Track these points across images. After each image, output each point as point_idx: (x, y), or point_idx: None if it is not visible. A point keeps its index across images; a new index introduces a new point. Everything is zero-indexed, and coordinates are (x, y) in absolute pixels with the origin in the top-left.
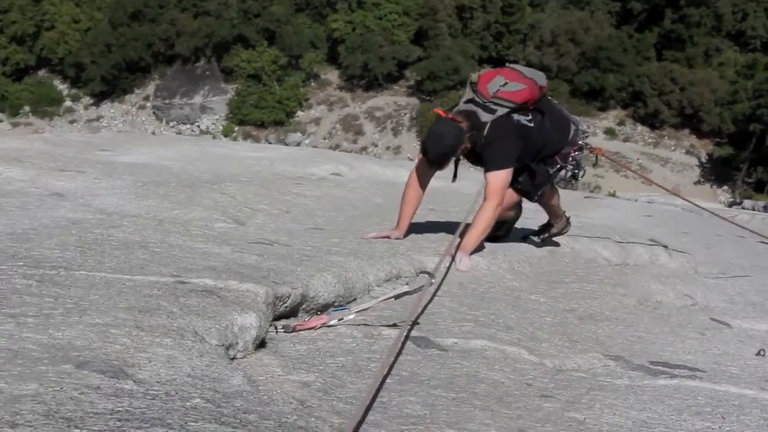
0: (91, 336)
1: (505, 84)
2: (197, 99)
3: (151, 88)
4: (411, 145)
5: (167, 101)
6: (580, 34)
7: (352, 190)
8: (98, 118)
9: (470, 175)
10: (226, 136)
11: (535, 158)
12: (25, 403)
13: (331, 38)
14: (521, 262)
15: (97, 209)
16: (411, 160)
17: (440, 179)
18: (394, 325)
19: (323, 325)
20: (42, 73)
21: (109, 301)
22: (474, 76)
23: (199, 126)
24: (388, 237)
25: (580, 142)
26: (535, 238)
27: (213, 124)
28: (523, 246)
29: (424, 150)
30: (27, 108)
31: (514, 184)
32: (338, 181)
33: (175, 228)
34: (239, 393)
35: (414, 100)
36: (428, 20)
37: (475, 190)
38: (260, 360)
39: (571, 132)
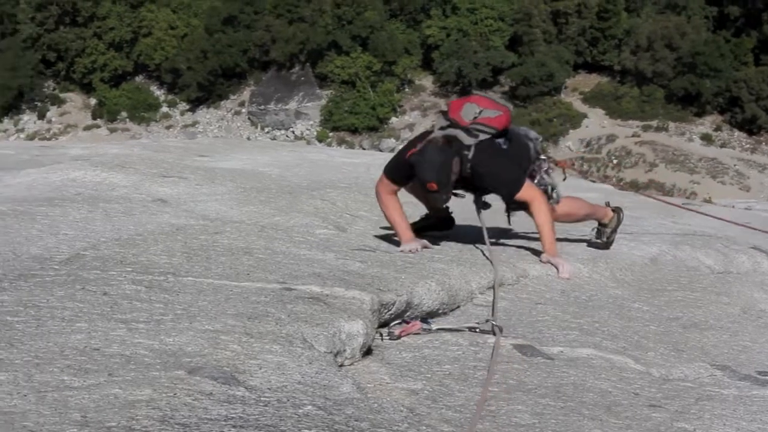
0: (202, 342)
1: (481, 111)
2: (292, 105)
3: (246, 94)
4: None
5: (262, 107)
6: (677, 39)
7: None
8: (194, 124)
9: (566, 181)
10: (320, 141)
11: None
12: (140, 408)
13: (426, 44)
14: (623, 270)
15: (200, 215)
16: None
17: None
18: (493, 333)
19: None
20: (139, 79)
21: (217, 308)
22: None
23: (293, 132)
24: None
25: (542, 157)
26: (598, 241)
27: (307, 129)
28: (625, 253)
29: (423, 181)
30: (124, 114)
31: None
32: None
33: (278, 234)
34: (349, 400)
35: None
36: (523, 26)
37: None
38: (367, 367)
39: (531, 149)
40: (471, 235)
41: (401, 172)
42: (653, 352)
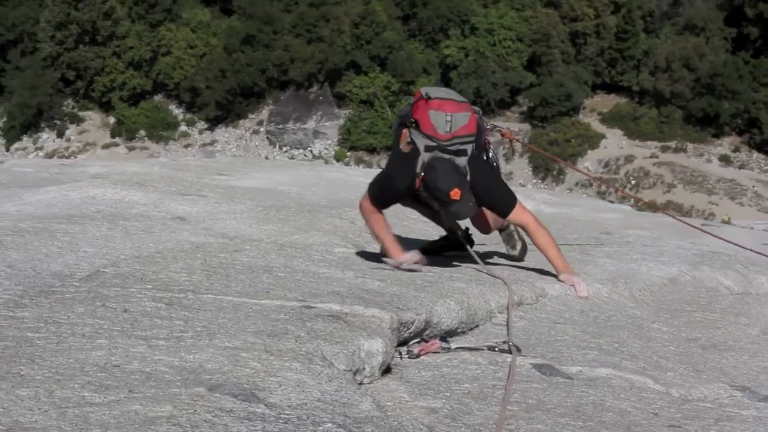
0: (222, 359)
1: (452, 118)
2: (310, 124)
3: (264, 113)
4: (523, 171)
5: (281, 126)
6: (695, 60)
7: None
8: (212, 143)
9: (584, 202)
10: (338, 161)
11: None
12: (161, 425)
13: (444, 64)
14: (642, 290)
15: (219, 233)
16: (523, 186)
17: (554, 206)
18: (507, 351)
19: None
20: (158, 97)
21: (237, 325)
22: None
23: (311, 151)
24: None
25: (487, 127)
26: (515, 252)
27: (325, 149)
28: (644, 274)
29: (445, 191)
30: (143, 132)
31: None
32: None
33: (297, 253)
34: (369, 418)
35: (526, 126)
36: (541, 46)
37: (589, 217)
38: (387, 386)
39: (478, 121)
40: (490, 256)
41: (396, 199)
42: (672, 373)
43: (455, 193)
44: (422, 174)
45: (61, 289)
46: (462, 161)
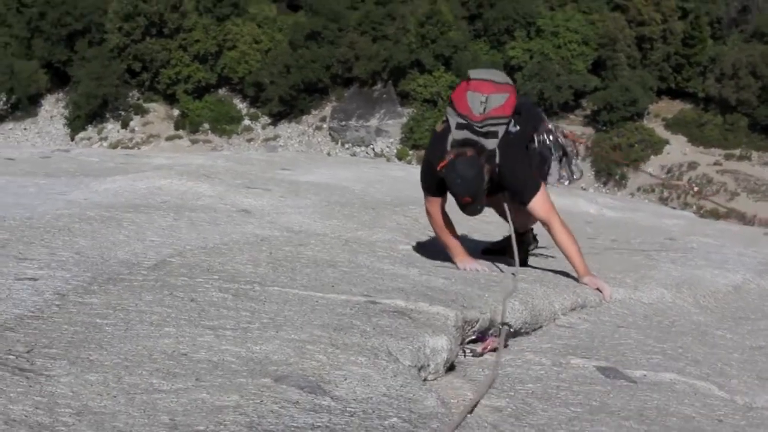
0: (288, 351)
1: (487, 99)
2: (373, 122)
3: (327, 110)
4: (585, 175)
5: (343, 123)
6: (762, 68)
7: None
8: (275, 138)
9: (646, 207)
10: (400, 159)
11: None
12: (228, 414)
13: (509, 65)
14: (706, 297)
15: (284, 227)
16: (584, 189)
17: (617, 210)
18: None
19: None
20: (222, 91)
21: (303, 318)
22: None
23: (373, 149)
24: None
25: (550, 126)
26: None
27: (387, 147)
28: (708, 280)
29: (456, 195)
30: (206, 125)
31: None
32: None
33: (362, 248)
34: (434, 414)
35: (590, 130)
36: (607, 50)
37: (652, 223)
38: (451, 383)
39: (540, 112)
40: (554, 256)
41: (435, 183)
42: (737, 380)
43: (466, 201)
44: (446, 162)
45: (129, 277)
46: (491, 143)
